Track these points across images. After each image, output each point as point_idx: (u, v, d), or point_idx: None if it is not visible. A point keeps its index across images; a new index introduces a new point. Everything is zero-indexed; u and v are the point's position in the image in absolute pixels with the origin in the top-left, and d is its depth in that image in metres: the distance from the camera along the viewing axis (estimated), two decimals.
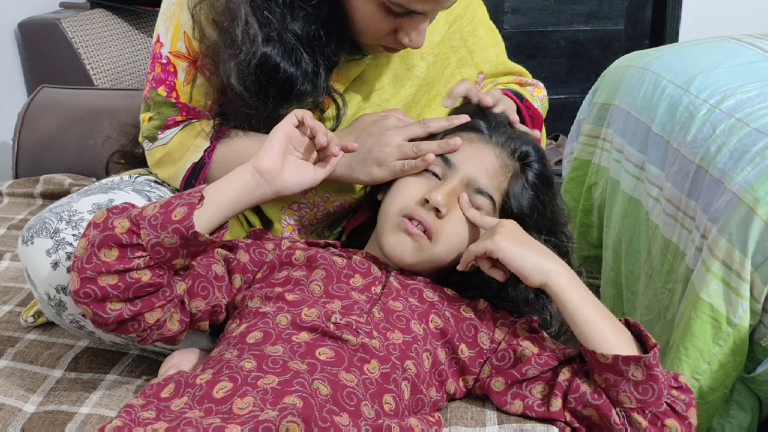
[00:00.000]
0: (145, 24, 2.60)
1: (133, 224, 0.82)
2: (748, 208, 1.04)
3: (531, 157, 1.01)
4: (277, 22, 0.99)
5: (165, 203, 0.84)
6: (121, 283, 0.82)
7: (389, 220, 0.97)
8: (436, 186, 0.97)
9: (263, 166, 0.91)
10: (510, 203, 0.99)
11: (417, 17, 0.98)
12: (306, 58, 1.01)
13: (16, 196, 1.69)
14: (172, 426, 0.71)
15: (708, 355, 1.08)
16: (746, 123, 1.16)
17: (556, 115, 3.34)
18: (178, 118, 1.08)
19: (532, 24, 3.21)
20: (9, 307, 1.23)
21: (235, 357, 0.82)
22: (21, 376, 1.04)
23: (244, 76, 0.99)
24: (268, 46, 0.99)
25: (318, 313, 0.87)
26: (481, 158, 0.99)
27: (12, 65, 2.48)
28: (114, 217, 0.83)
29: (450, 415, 0.92)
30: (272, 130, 0.94)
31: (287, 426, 0.70)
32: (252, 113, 1.04)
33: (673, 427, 0.81)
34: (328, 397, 0.77)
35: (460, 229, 0.97)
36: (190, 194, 0.85)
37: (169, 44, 1.06)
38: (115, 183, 1.10)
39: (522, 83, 1.31)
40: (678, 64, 1.45)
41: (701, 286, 1.09)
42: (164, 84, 1.07)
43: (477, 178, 0.98)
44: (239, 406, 0.73)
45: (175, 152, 1.09)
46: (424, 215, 0.95)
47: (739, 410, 1.12)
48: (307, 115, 0.93)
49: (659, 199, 1.32)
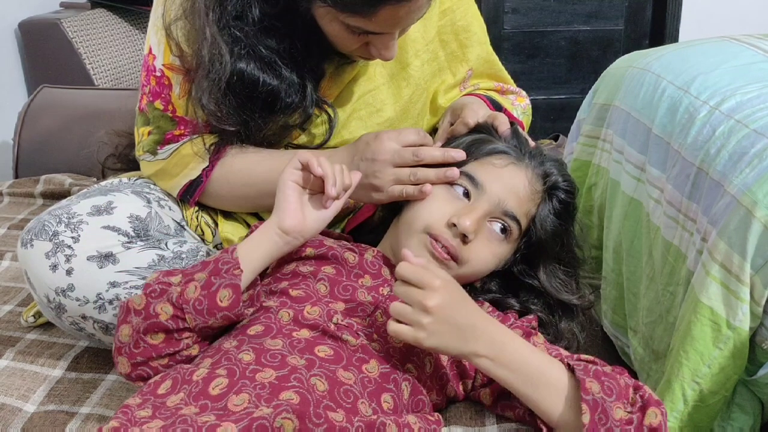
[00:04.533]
0: (145, 24, 2.60)
1: (176, 309, 0.84)
2: (747, 210, 1.04)
3: (562, 185, 1.00)
4: (248, 39, 0.98)
5: (206, 283, 0.84)
6: (171, 362, 0.86)
7: (413, 235, 0.95)
8: (465, 210, 0.93)
9: (288, 226, 0.91)
10: (536, 229, 0.98)
11: (384, 35, 0.96)
12: (287, 69, 1.00)
13: (17, 196, 1.69)
14: (167, 424, 0.71)
15: (708, 359, 1.08)
16: (745, 125, 1.15)
17: (556, 115, 3.35)
18: (176, 132, 1.07)
19: (532, 24, 3.21)
20: (9, 307, 1.23)
21: (234, 348, 0.83)
22: (21, 376, 1.04)
23: (218, 95, 0.98)
24: (242, 62, 0.98)
25: (320, 312, 0.88)
26: (513, 182, 0.96)
27: (12, 65, 2.48)
28: (155, 302, 0.84)
29: (449, 414, 0.92)
30: (280, 180, 0.92)
31: (281, 422, 0.70)
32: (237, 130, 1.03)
33: None
34: (325, 393, 0.77)
35: (484, 253, 0.95)
36: (229, 270, 0.85)
37: (162, 57, 1.04)
38: (114, 185, 1.10)
39: (504, 91, 1.29)
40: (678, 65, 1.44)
41: (701, 289, 1.09)
42: (160, 98, 1.06)
43: (507, 202, 0.95)
44: (234, 403, 0.74)
45: (172, 168, 1.08)
46: (451, 240, 0.92)
47: (741, 413, 1.11)
48: (312, 162, 0.91)
49: (660, 201, 1.32)
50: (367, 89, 1.13)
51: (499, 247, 0.97)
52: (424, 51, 1.16)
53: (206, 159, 1.06)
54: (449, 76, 1.23)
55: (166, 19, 1.01)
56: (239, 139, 1.06)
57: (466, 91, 1.25)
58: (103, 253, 0.95)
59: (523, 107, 1.28)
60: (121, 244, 0.96)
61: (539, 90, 3.31)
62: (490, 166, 0.97)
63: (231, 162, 1.06)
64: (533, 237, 0.98)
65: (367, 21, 0.91)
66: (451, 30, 1.20)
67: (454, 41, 1.21)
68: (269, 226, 0.91)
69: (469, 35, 1.22)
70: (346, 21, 0.93)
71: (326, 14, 0.94)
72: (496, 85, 1.29)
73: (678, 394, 1.11)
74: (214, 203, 1.11)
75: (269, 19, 0.98)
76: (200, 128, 1.05)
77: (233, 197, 1.09)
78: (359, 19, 0.91)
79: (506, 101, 1.25)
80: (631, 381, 0.80)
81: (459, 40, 1.21)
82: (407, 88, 1.16)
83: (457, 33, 1.21)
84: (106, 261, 0.95)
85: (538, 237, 0.97)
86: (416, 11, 0.93)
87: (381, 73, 1.14)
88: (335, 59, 1.07)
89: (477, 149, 1.00)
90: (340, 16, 0.92)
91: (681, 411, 1.12)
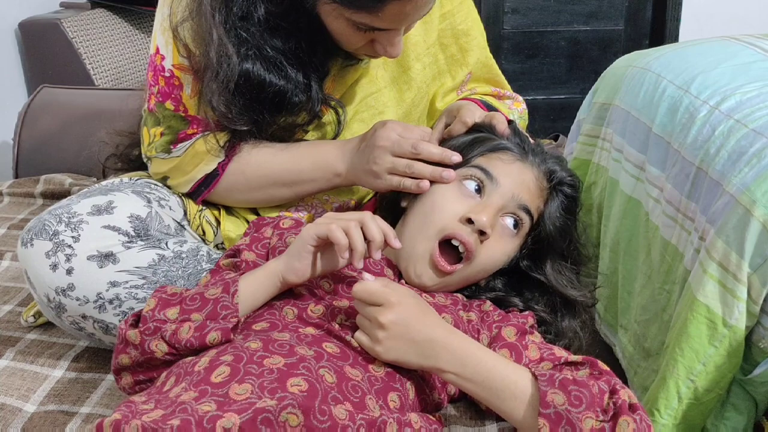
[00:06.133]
0: (145, 24, 2.60)
1: (170, 347, 0.84)
2: (745, 210, 1.05)
3: (567, 181, 1.00)
4: (254, 40, 0.98)
5: (200, 325, 0.84)
6: None
7: (425, 243, 0.94)
8: (480, 206, 0.93)
9: (292, 281, 0.89)
10: (544, 225, 0.98)
11: (390, 31, 0.97)
12: (293, 69, 1.01)
13: (17, 196, 1.68)
14: (167, 413, 0.70)
15: (703, 356, 1.08)
16: (744, 124, 1.16)
17: (556, 115, 3.35)
18: (189, 131, 1.08)
19: (532, 24, 3.21)
20: (9, 306, 1.23)
21: (240, 339, 0.83)
22: (21, 376, 1.04)
23: (227, 96, 0.99)
24: (248, 63, 0.98)
25: (324, 311, 0.88)
26: (522, 177, 0.97)
27: (12, 65, 2.48)
28: (149, 340, 0.85)
29: (449, 414, 0.92)
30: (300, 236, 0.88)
31: (286, 417, 0.69)
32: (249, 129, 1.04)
33: None
34: (333, 385, 0.77)
35: (496, 250, 0.96)
36: (227, 317, 0.84)
37: (171, 57, 1.05)
38: (114, 185, 1.10)
39: (501, 96, 1.30)
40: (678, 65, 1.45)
41: (698, 287, 1.09)
42: (170, 98, 1.06)
43: (521, 195, 0.95)
44: (236, 392, 0.72)
45: (187, 165, 1.09)
46: (467, 236, 0.92)
47: (735, 412, 1.12)
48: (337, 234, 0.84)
49: (659, 200, 1.32)
50: (369, 92, 1.14)
51: (509, 244, 0.97)
52: (425, 54, 1.17)
53: (221, 154, 1.08)
54: (449, 79, 1.24)
55: (172, 21, 1.01)
56: (251, 136, 1.08)
57: (463, 94, 1.26)
58: (103, 252, 0.95)
59: (519, 111, 1.29)
60: (122, 243, 0.97)
61: (539, 90, 3.31)
62: (497, 161, 0.98)
63: (247, 155, 1.08)
64: (541, 233, 0.98)
65: (374, 17, 0.91)
66: (451, 33, 1.21)
67: (454, 45, 1.22)
68: (274, 274, 0.89)
69: (469, 39, 1.22)
70: (351, 17, 0.93)
71: (332, 11, 0.94)
72: (494, 90, 1.29)
73: (673, 392, 1.12)
74: (225, 197, 1.13)
75: (274, 19, 0.98)
76: (212, 127, 1.06)
77: (248, 189, 1.10)
78: (365, 16, 0.92)
79: (503, 106, 1.26)
80: (608, 386, 0.77)
81: (459, 44, 1.22)
82: (409, 91, 1.17)
83: (458, 37, 1.21)
84: (106, 260, 0.95)
85: (547, 233, 0.98)
86: (423, 7, 0.93)
87: (383, 77, 1.15)
88: (340, 59, 1.08)
89: (482, 145, 1.00)
90: (345, 13, 0.92)
91: (675, 408, 1.12)
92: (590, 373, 0.80)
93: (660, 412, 1.14)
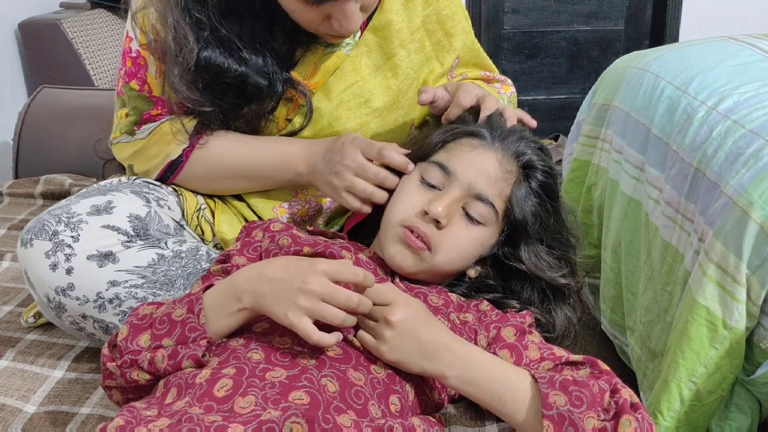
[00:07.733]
0: None
1: (150, 375, 0.85)
2: (742, 211, 1.05)
3: (535, 163, 1.00)
4: (210, 22, 0.99)
5: (172, 352, 0.83)
6: None
7: (390, 230, 0.98)
8: (436, 197, 0.96)
9: None
10: (513, 210, 0.98)
11: (342, 4, 0.96)
12: (250, 53, 1.02)
13: (17, 196, 1.69)
14: (174, 423, 0.70)
15: (704, 358, 1.08)
16: (741, 125, 1.16)
17: (556, 115, 3.35)
18: (153, 112, 1.08)
19: (532, 24, 3.21)
20: (9, 307, 1.23)
21: (241, 346, 0.82)
22: (21, 376, 1.04)
23: (188, 78, 1.00)
24: (207, 50, 0.99)
25: None
26: (482, 164, 0.98)
27: (12, 65, 2.48)
28: (130, 371, 0.85)
29: (449, 415, 0.92)
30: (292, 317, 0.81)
31: (291, 426, 0.69)
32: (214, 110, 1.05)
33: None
34: (335, 394, 0.77)
35: (461, 238, 0.97)
36: (196, 340, 0.83)
37: (137, 38, 1.06)
38: (113, 185, 1.10)
39: (489, 79, 1.30)
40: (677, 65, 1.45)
41: (697, 289, 1.09)
42: (135, 78, 1.07)
43: (477, 184, 0.97)
44: (241, 405, 0.73)
45: (151, 148, 1.09)
46: (424, 227, 0.95)
47: (738, 413, 1.12)
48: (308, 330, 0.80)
49: (659, 201, 1.32)
50: (353, 80, 1.14)
51: (479, 231, 0.98)
52: (409, 41, 1.17)
53: (186, 140, 1.08)
54: (437, 65, 1.23)
55: (133, 6, 1.03)
56: (219, 122, 1.08)
57: (454, 80, 1.26)
58: (102, 252, 0.95)
59: (508, 95, 1.30)
60: (121, 243, 0.97)
61: (539, 90, 3.31)
62: (459, 152, 0.99)
63: (210, 145, 1.09)
64: (513, 218, 0.98)
65: None
66: (436, 19, 1.20)
67: (440, 30, 1.22)
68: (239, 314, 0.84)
69: (455, 24, 1.22)
70: None
71: None
72: (483, 74, 1.30)
73: (675, 394, 1.12)
74: (189, 185, 1.14)
75: (227, 0, 0.99)
76: (178, 110, 1.07)
77: (208, 178, 1.12)
78: None
79: (492, 90, 1.26)
80: (608, 385, 0.78)
81: (445, 29, 1.22)
82: (395, 78, 1.16)
83: (443, 22, 1.21)
84: (105, 260, 0.95)
85: (517, 217, 0.98)
86: None
87: (366, 64, 1.15)
88: (304, 43, 1.08)
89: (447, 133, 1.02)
90: None
91: (677, 410, 1.12)
92: (591, 373, 0.81)
93: (663, 415, 1.14)
